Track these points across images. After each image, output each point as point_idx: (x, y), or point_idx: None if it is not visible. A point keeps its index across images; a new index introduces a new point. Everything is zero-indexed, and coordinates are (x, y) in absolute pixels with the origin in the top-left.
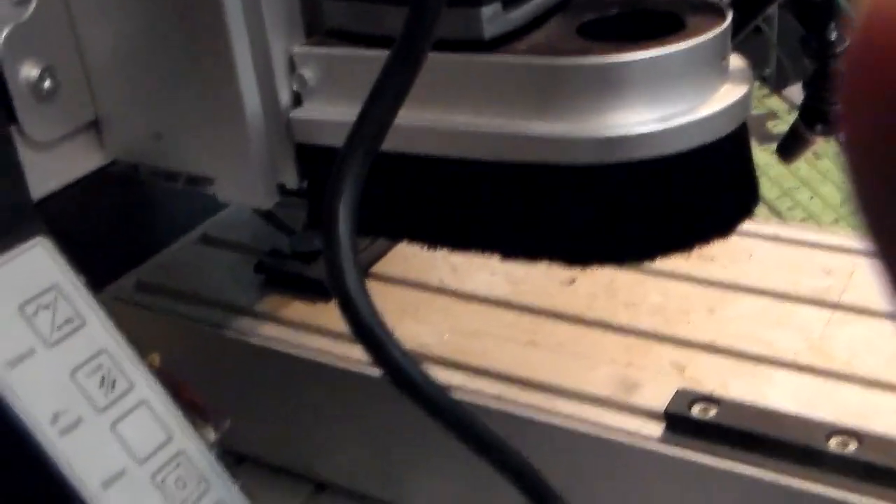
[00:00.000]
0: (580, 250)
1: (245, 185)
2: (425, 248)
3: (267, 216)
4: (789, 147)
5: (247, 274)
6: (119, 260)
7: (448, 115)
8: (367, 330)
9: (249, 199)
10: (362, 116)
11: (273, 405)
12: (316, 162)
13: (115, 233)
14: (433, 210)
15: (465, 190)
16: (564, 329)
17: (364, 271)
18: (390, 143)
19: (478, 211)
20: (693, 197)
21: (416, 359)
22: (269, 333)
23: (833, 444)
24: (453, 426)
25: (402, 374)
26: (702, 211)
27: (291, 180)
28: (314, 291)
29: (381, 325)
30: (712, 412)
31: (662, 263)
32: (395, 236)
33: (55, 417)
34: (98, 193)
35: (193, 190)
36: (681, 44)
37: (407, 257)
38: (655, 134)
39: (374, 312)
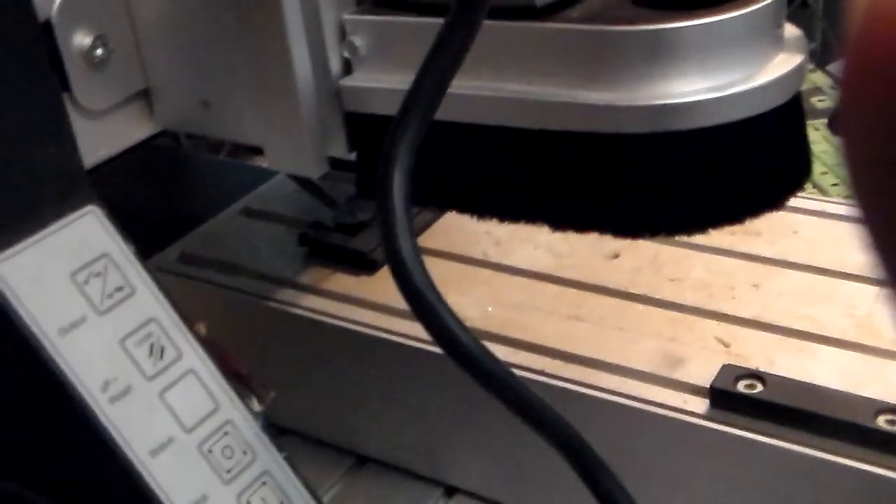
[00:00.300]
0: (630, 222)
1: (295, 153)
2: (473, 218)
3: (311, 189)
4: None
5: (290, 246)
6: (162, 232)
7: (499, 84)
8: (420, 296)
9: (299, 167)
10: (417, 83)
11: (315, 378)
12: (366, 131)
13: (157, 206)
14: (482, 180)
15: (515, 160)
16: (608, 303)
17: None
18: (441, 112)
19: (527, 181)
20: (745, 168)
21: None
22: (313, 305)
23: (881, 421)
24: (504, 396)
25: (453, 341)
26: (753, 182)
27: (340, 150)
28: (358, 264)
29: (435, 291)
30: (758, 388)
31: (707, 238)
32: (443, 206)
33: (105, 385)
34: (141, 167)
35: (235, 162)
36: (736, 11)
37: (449, 231)
38: (708, 103)
39: (427, 279)
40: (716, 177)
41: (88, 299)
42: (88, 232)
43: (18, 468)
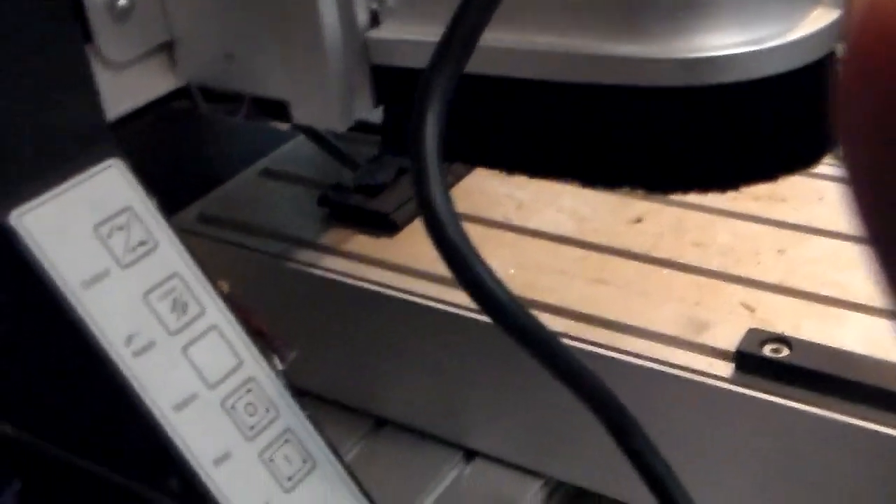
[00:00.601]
0: (662, 177)
1: (320, 107)
2: (495, 181)
3: (331, 150)
4: None
5: (309, 207)
6: (180, 195)
7: (531, 36)
8: (453, 246)
9: (325, 121)
10: (450, 32)
11: (334, 340)
12: (392, 84)
13: (174, 168)
14: (512, 135)
15: (546, 114)
16: (632, 267)
17: None
18: (470, 65)
19: (558, 136)
20: (780, 124)
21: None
22: (333, 266)
23: None
24: (535, 347)
25: (485, 292)
26: (788, 139)
27: (367, 103)
28: (378, 225)
29: (468, 241)
30: (784, 352)
31: (731, 204)
32: (471, 162)
33: (129, 339)
34: (158, 130)
35: (253, 124)
36: None
37: (471, 193)
38: (744, 56)
39: (460, 229)
40: (750, 132)
41: (111, 252)
42: (111, 185)
43: (41, 422)
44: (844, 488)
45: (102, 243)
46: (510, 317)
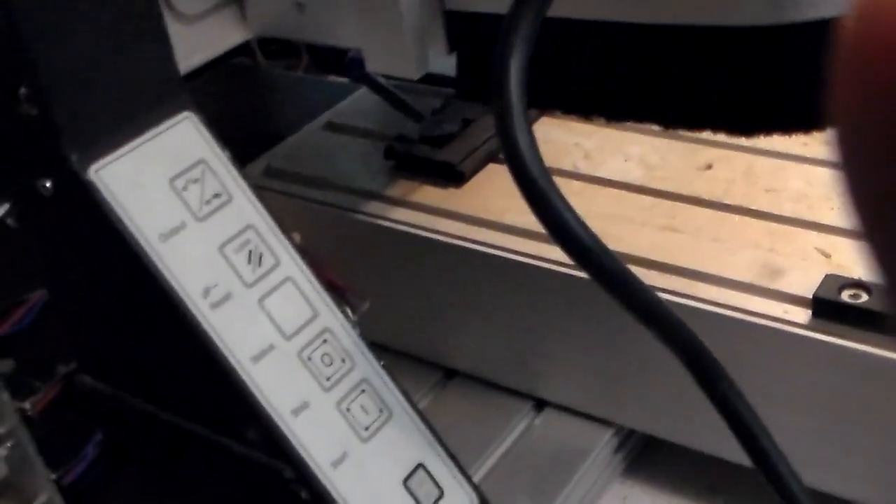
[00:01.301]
0: (745, 119)
1: (394, 54)
2: (561, 130)
3: (395, 102)
4: None
5: (375, 159)
6: (244, 149)
7: None
8: (537, 188)
9: (399, 68)
10: None
11: (403, 291)
12: (466, 30)
13: (237, 124)
14: (592, 78)
15: (626, 57)
16: (703, 214)
17: (493, 156)
18: (551, 7)
19: (638, 78)
20: None
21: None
22: (401, 217)
23: None
24: (619, 290)
25: (569, 233)
26: None
27: (440, 49)
28: (445, 176)
29: (552, 183)
30: (863, 298)
31: (803, 149)
32: (550, 106)
33: (206, 291)
34: (219, 86)
35: (313, 78)
36: None
37: (539, 143)
38: None
39: (545, 170)
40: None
41: (187, 205)
42: (186, 138)
43: (121, 374)
44: None
45: (178, 196)
46: (593, 259)
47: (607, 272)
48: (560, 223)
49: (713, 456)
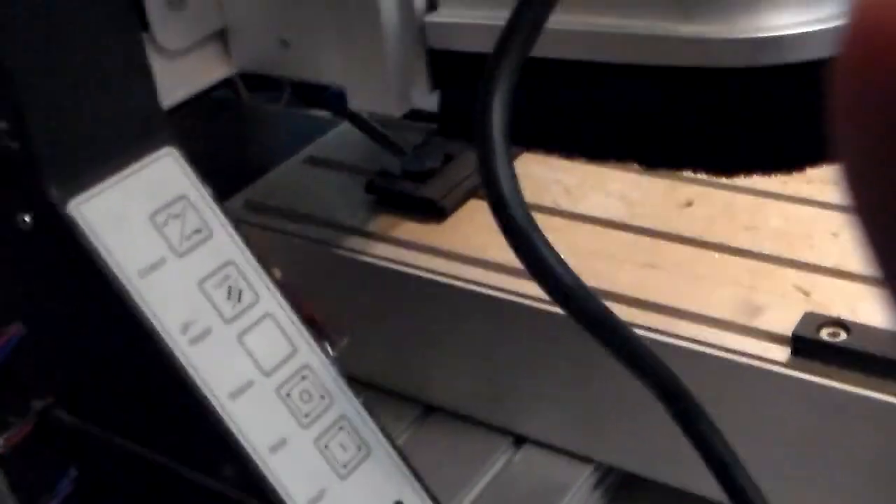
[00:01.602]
0: (726, 159)
1: (378, 92)
2: (542, 167)
3: (377, 137)
4: None
5: (356, 194)
6: (224, 184)
7: (593, 18)
8: (520, 230)
9: (382, 107)
10: (517, 14)
11: (382, 326)
12: (450, 68)
13: (218, 157)
14: (572, 118)
15: (608, 96)
16: (683, 251)
17: (474, 192)
18: (534, 48)
19: (619, 119)
20: None
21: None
22: (382, 253)
23: None
24: (602, 332)
25: (552, 277)
26: None
27: (423, 88)
28: (426, 211)
29: (534, 224)
30: (842, 336)
31: (783, 187)
32: (530, 145)
33: (185, 327)
34: (201, 120)
35: (296, 112)
36: None
37: (520, 179)
38: (810, 35)
39: (527, 212)
40: (818, 112)
41: (167, 241)
42: (167, 173)
43: (97, 409)
44: None
45: (159, 232)
46: (576, 302)
47: (586, 311)
48: (540, 263)
49: (691, 493)
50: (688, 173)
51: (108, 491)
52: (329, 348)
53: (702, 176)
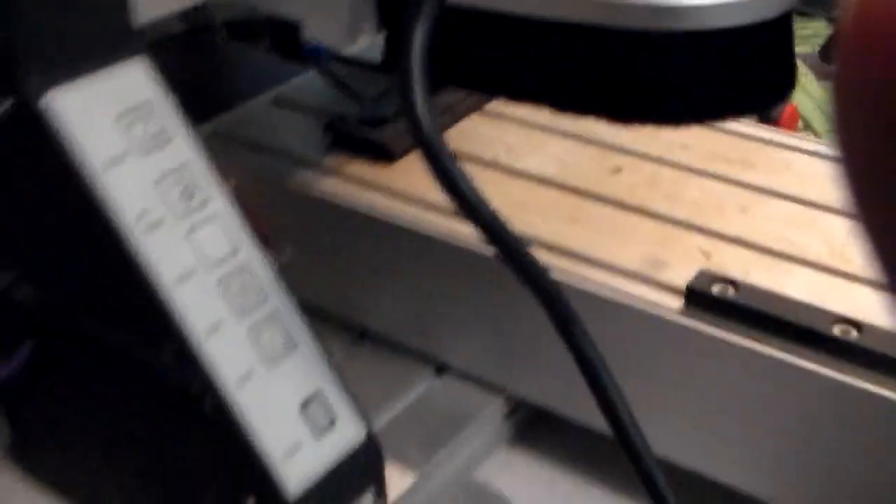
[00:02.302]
0: (624, 109)
1: (329, 26)
2: (489, 126)
3: (338, 84)
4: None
5: (315, 133)
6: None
7: None
8: (429, 142)
9: (332, 39)
10: None
11: (326, 252)
12: (394, 10)
13: (191, 92)
14: (496, 61)
15: (527, 45)
16: (605, 210)
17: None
18: None
19: (536, 65)
20: (734, 72)
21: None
22: (330, 188)
23: (837, 330)
24: (494, 238)
25: (454, 185)
26: (740, 86)
27: (371, 28)
28: (376, 154)
29: (440, 137)
30: (730, 292)
31: (704, 164)
32: (458, 83)
33: (139, 217)
34: (178, 58)
35: (269, 56)
36: None
37: (468, 135)
38: (705, 7)
39: (434, 127)
40: (706, 76)
41: (131, 140)
42: (137, 79)
43: (56, 288)
44: (776, 419)
45: (124, 131)
46: (472, 208)
47: (485, 220)
48: (447, 173)
49: (598, 432)
50: (622, 142)
51: (62, 365)
52: (272, 257)
53: (634, 146)
